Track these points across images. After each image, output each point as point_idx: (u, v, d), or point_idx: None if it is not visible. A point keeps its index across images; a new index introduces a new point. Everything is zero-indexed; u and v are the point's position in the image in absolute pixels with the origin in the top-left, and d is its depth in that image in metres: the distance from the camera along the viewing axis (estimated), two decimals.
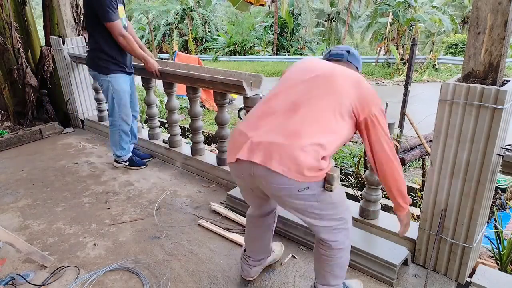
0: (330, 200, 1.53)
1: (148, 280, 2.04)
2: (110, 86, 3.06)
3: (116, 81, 3.07)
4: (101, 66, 3.03)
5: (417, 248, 2.07)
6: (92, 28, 2.97)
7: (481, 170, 1.71)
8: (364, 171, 3.03)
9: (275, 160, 1.42)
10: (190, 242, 2.37)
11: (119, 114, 3.17)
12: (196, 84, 2.99)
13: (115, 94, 3.09)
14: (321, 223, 1.57)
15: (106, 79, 3.05)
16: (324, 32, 28.17)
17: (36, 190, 3.11)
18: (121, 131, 3.26)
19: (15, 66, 4.39)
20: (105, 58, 3.00)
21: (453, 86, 1.67)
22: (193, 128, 3.28)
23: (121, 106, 3.15)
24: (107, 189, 3.10)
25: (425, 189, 1.95)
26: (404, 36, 19.23)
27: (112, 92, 3.08)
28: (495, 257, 2.44)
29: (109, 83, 3.06)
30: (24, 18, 4.51)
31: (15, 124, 4.60)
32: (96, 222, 2.62)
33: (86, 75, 4.49)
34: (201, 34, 27.13)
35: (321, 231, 1.60)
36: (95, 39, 2.99)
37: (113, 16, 2.83)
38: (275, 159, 1.42)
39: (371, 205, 2.27)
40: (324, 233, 1.60)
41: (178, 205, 2.82)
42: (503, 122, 1.64)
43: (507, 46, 1.64)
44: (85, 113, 4.63)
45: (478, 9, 1.62)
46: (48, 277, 2.08)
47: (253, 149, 1.47)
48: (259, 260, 1.99)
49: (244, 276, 2.03)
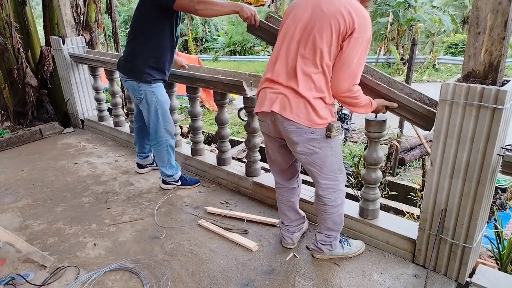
0: (330, 151, 1.88)
1: (148, 280, 2.04)
2: (154, 97, 2.70)
3: (160, 91, 2.73)
4: (144, 73, 2.64)
5: (417, 248, 2.07)
6: (142, 31, 2.62)
7: (481, 170, 1.71)
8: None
9: (288, 110, 1.79)
10: (190, 242, 2.37)
11: (165, 127, 2.82)
12: (196, 84, 2.99)
13: (159, 106, 2.73)
14: (321, 179, 1.95)
15: (149, 89, 2.67)
16: None
17: (36, 190, 3.11)
18: (168, 146, 2.89)
19: (15, 66, 4.40)
20: (151, 66, 2.64)
21: (453, 86, 1.67)
22: (193, 128, 3.28)
23: (166, 118, 2.81)
24: (107, 189, 3.10)
25: (425, 189, 1.95)
26: (404, 36, 19.22)
27: (155, 103, 2.72)
28: (495, 257, 2.44)
29: (152, 94, 2.69)
30: (24, 18, 4.52)
31: (15, 124, 4.61)
32: (96, 222, 2.62)
33: (86, 75, 4.49)
34: (201, 34, 27.12)
35: (319, 187, 1.99)
36: (147, 42, 2.62)
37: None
38: (288, 109, 1.79)
39: (369, 204, 2.27)
40: (321, 190, 1.99)
41: (178, 205, 2.82)
42: (503, 122, 1.63)
43: (507, 46, 1.64)
44: (85, 113, 4.63)
45: (478, 9, 1.62)
46: (48, 277, 2.08)
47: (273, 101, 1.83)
48: (298, 225, 2.29)
49: (286, 244, 2.28)
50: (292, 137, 1.84)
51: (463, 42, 18.87)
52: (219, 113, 3.00)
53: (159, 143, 2.87)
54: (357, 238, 2.31)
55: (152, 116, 2.77)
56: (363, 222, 2.28)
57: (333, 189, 1.98)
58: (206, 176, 3.23)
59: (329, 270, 2.10)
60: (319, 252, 2.17)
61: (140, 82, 2.66)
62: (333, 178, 1.96)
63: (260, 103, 1.93)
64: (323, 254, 2.17)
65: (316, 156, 1.87)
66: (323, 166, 1.91)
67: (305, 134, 1.81)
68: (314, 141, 1.83)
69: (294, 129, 1.81)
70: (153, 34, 2.60)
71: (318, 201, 2.05)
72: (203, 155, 3.34)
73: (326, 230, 2.12)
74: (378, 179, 2.25)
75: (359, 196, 2.43)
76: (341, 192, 2.03)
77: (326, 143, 1.85)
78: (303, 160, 1.92)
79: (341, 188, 2.02)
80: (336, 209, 2.04)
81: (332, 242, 2.14)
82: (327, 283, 2.00)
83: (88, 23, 4.51)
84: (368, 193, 2.26)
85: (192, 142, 3.35)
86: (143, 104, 2.75)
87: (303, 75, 1.76)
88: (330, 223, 2.08)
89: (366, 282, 2.00)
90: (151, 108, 2.74)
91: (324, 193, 1.99)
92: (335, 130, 1.81)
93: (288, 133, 1.83)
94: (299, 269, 2.11)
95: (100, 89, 4.27)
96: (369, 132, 2.16)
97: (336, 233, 2.14)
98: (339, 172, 1.98)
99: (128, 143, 3.98)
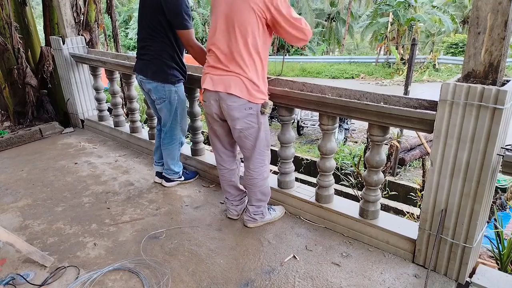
0: (262, 128, 2.23)
1: (148, 280, 2.04)
2: (177, 96, 2.77)
3: (181, 91, 2.80)
4: (170, 74, 2.70)
5: (417, 248, 2.07)
6: (165, 32, 2.63)
7: (481, 170, 1.71)
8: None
9: (232, 87, 2.10)
10: (190, 242, 2.37)
11: (181, 126, 2.92)
12: (194, 84, 3.00)
13: (179, 105, 2.81)
14: (253, 153, 2.29)
15: (173, 89, 2.73)
16: (324, 32, 28.16)
17: (36, 190, 3.11)
18: (180, 144, 3.00)
19: (15, 66, 4.40)
20: (174, 66, 2.71)
21: (453, 86, 1.67)
22: (192, 128, 3.28)
23: (183, 117, 2.91)
24: (107, 189, 3.10)
25: (425, 189, 1.95)
26: (404, 36, 19.23)
27: (177, 103, 2.78)
28: (495, 257, 2.44)
29: (175, 93, 2.75)
30: (24, 18, 4.52)
31: (15, 124, 4.60)
32: (96, 222, 2.62)
33: (86, 75, 4.49)
34: (201, 34, 27.12)
35: (250, 161, 2.33)
36: (166, 45, 2.66)
37: (188, 23, 2.56)
38: (232, 86, 2.10)
39: (370, 206, 2.27)
40: (252, 163, 2.33)
41: (178, 205, 2.82)
42: (503, 122, 1.64)
43: (507, 46, 1.64)
44: (85, 113, 4.63)
45: (478, 9, 1.62)
46: (48, 277, 2.08)
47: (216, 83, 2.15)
48: (240, 199, 2.60)
49: (231, 215, 2.60)
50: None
51: (463, 42, 18.88)
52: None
53: (172, 141, 2.94)
54: (357, 238, 2.32)
55: (172, 115, 2.83)
56: (363, 222, 2.28)
57: (261, 164, 2.34)
58: (206, 176, 3.23)
59: (329, 270, 2.10)
60: (253, 221, 2.49)
61: (165, 83, 2.70)
62: (262, 154, 2.32)
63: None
64: (256, 223, 2.49)
65: (252, 130, 2.21)
66: (256, 143, 2.26)
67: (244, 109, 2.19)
68: (252, 117, 2.18)
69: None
70: (172, 36, 2.64)
71: (248, 176, 2.38)
72: (203, 155, 3.34)
73: (256, 202, 2.45)
74: (380, 181, 2.25)
75: (359, 196, 2.44)
76: (267, 167, 2.41)
77: (260, 119, 2.21)
78: (241, 138, 2.25)
79: (267, 163, 2.40)
80: (264, 181, 2.41)
81: (263, 211, 2.49)
82: (327, 283, 2.00)
83: (88, 23, 4.51)
84: (369, 194, 2.26)
85: (192, 142, 3.35)
86: (165, 104, 2.78)
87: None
88: (259, 194, 2.43)
89: (366, 282, 2.00)
90: (172, 108, 2.80)
91: (253, 166, 2.33)
92: (268, 108, 2.20)
93: None
94: (299, 269, 2.11)
95: (100, 88, 4.26)
96: (372, 136, 2.16)
97: (264, 203, 2.49)
98: (267, 150, 2.35)
99: (128, 143, 3.98)
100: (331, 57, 24.68)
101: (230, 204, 2.59)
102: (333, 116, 2.28)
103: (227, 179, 2.53)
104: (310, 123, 11.59)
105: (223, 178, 2.53)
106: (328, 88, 2.30)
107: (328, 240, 2.35)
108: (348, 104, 2.10)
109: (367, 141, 6.73)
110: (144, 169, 3.45)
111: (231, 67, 2.10)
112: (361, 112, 2.08)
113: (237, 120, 2.16)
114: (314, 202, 2.50)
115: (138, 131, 3.94)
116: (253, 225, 2.49)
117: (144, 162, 3.61)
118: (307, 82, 2.40)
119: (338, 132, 10.06)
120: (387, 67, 18.69)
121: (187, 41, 2.60)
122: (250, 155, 2.31)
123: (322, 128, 2.38)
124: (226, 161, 2.48)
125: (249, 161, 2.34)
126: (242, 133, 2.21)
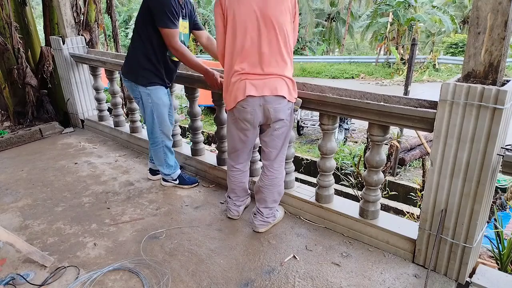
0: (290, 126, 2.25)
1: (148, 280, 2.04)
2: (150, 99, 2.73)
3: (156, 94, 2.73)
4: (140, 75, 2.68)
5: (417, 248, 2.07)
6: (143, 31, 2.61)
7: (481, 170, 1.71)
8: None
9: (279, 89, 2.09)
10: (190, 242, 2.37)
11: (160, 129, 2.85)
12: (195, 84, 3.00)
13: (154, 108, 2.76)
14: (279, 152, 2.27)
15: (145, 91, 2.71)
16: (324, 32, 28.16)
17: (36, 190, 3.11)
18: (164, 147, 2.93)
19: (15, 66, 4.40)
20: (148, 68, 2.66)
21: (453, 86, 1.67)
22: (192, 128, 3.28)
23: (161, 121, 2.83)
24: (107, 189, 3.10)
25: (425, 189, 1.95)
26: (404, 36, 19.24)
27: (151, 105, 2.75)
28: (495, 257, 2.44)
29: (148, 96, 2.72)
30: (24, 18, 4.52)
31: (15, 124, 4.60)
32: (96, 222, 2.62)
33: (86, 75, 4.49)
34: None
35: (275, 160, 2.29)
36: (142, 44, 2.63)
37: (170, 22, 2.48)
38: (279, 88, 2.09)
39: (370, 206, 2.27)
40: (276, 162, 2.30)
41: (178, 205, 2.82)
42: (503, 122, 1.64)
43: (507, 46, 1.63)
44: (85, 113, 4.63)
45: (478, 9, 1.62)
46: (48, 277, 2.08)
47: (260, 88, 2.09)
48: (243, 200, 2.61)
49: (232, 215, 2.57)
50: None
51: (463, 42, 18.88)
52: (219, 113, 2.99)
53: (155, 143, 2.92)
54: (357, 238, 2.33)
55: (148, 117, 2.82)
56: (363, 222, 2.28)
57: (282, 162, 2.34)
58: (206, 176, 3.23)
59: (329, 270, 2.10)
60: (266, 225, 2.41)
61: (138, 84, 2.71)
62: (284, 153, 2.32)
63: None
64: (268, 226, 2.43)
65: (285, 129, 2.21)
66: (284, 141, 2.27)
67: (287, 109, 2.20)
68: (289, 116, 2.20)
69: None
70: (148, 37, 2.60)
71: (271, 176, 2.31)
72: (203, 155, 3.34)
73: (272, 203, 2.37)
74: (380, 181, 2.25)
75: (359, 196, 2.44)
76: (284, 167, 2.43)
77: (291, 117, 2.24)
78: (274, 138, 2.23)
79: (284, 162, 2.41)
80: (282, 180, 2.39)
81: (274, 212, 2.44)
82: (327, 283, 2.00)
83: (88, 23, 4.51)
84: (369, 194, 2.26)
85: (192, 142, 3.35)
86: (140, 104, 2.83)
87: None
88: (276, 194, 2.37)
89: (366, 282, 2.00)
90: (147, 110, 2.79)
91: (277, 166, 2.30)
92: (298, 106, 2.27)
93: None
94: (299, 269, 2.11)
95: (100, 88, 4.26)
96: (372, 135, 2.16)
97: (277, 203, 2.42)
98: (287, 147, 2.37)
99: (128, 143, 3.98)
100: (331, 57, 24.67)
101: (233, 204, 2.57)
102: (333, 115, 2.29)
103: (238, 180, 2.49)
104: (310, 123, 11.61)
105: (234, 179, 2.49)
106: (328, 89, 2.30)
107: (328, 240, 2.35)
108: (349, 103, 2.10)
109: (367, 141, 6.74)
110: (144, 169, 3.45)
111: (270, 69, 2.07)
112: (362, 111, 2.08)
113: (280, 121, 2.15)
114: (314, 202, 2.50)
115: (138, 131, 3.95)
116: (264, 229, 2.42)
117: (144, 162, 3.60)
118: (308, 83, 2.40)
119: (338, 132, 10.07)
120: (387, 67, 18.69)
121: (169, 41, 2.53)
122: (276, 154, 2.28)
123: (322, 128, 2.38)
124: (242, 164, 2.46)
125: (275, 160, 2.29)
126: (277, 131, 2.19)
